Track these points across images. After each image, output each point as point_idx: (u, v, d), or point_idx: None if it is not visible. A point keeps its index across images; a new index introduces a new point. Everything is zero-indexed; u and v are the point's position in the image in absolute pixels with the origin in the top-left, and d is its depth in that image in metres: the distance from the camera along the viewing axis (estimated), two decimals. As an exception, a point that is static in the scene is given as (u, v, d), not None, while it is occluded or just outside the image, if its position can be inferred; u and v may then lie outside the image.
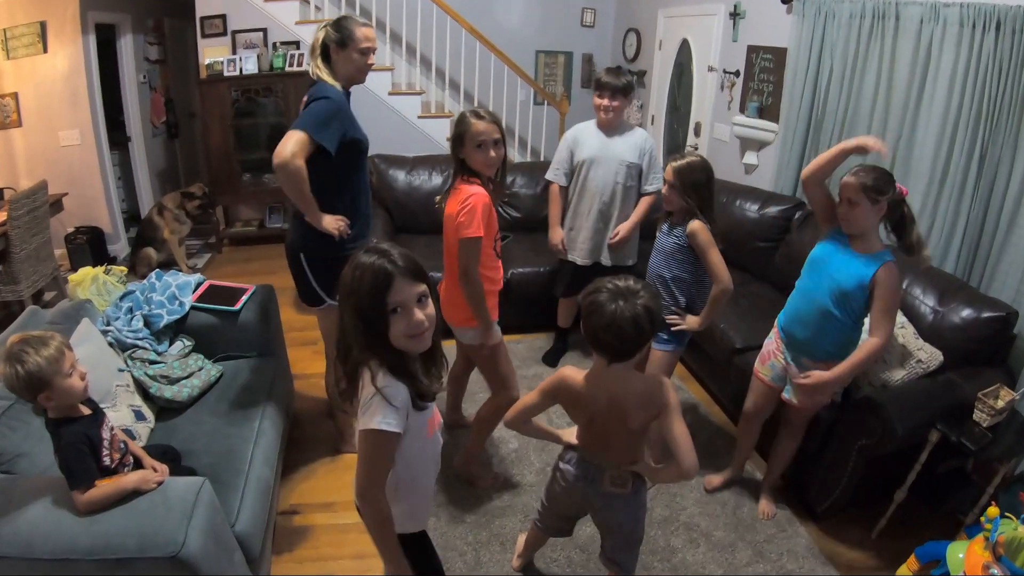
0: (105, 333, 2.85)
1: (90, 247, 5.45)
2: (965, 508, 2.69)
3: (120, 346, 2.85)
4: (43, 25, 5.28)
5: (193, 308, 3.10)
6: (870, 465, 2.64)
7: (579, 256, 3.75)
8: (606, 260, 3.73)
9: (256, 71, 5.96)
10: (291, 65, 5.95)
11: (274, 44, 6.09)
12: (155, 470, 1.99)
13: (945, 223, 3.26)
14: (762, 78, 4.61)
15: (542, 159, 6.67)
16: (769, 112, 4.53)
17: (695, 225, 2.65)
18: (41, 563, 1.71)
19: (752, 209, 4.19)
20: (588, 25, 7.21)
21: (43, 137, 5.46)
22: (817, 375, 2.48)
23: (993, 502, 2.45)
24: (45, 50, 5.32)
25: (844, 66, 3.79)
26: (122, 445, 1.96)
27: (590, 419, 1.98)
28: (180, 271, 3.58)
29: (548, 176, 3.80)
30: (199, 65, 6.11)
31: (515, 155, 6.49)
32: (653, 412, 1.87)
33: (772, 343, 2.79)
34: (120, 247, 6.02)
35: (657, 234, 2.88)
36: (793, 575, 2.61)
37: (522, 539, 2.62)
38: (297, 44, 5.99)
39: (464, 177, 2.54)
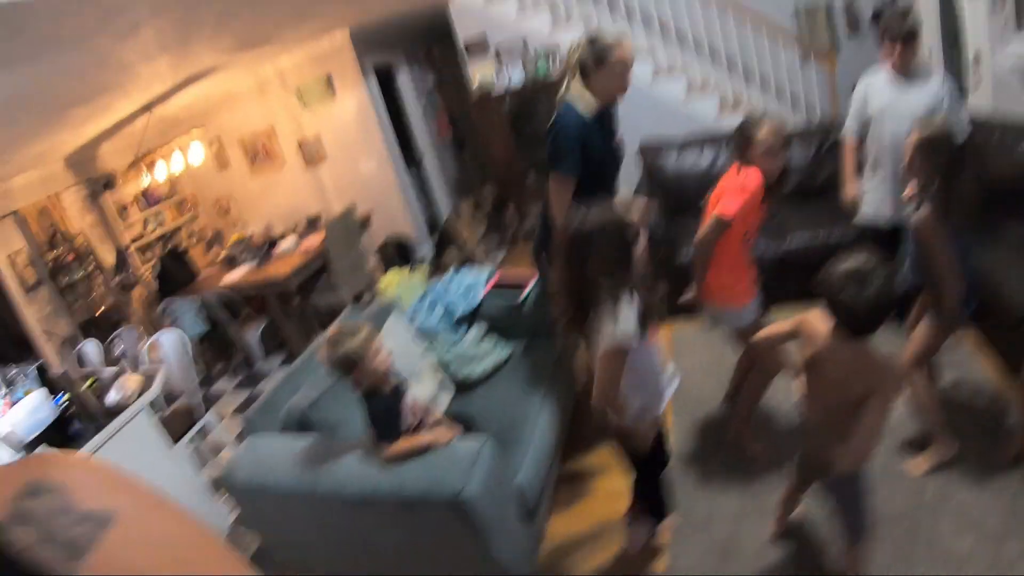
0: (411, 323, 3.41)
1: (398, 253, 6.37)
2: None
3: (424, 334, 3.39)
4: (328, 77, 6.37)
5: (485, 299, 3.57)
6: None
7: (877, 218, 3.38)
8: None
9: (522, 82, 6.24)
10: (554, 65, 6.10)
11: (535, 51, 6.31)
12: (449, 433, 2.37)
13: None
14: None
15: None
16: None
17: (920, 213, 2.33)
18: (350, 502, 2.24)
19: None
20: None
21: (346, 167, 6.47)
22: None
23: None
24: (334, 95, 6.31)
25: None
26: (421, 413, 2.39)
27: (813, 371, 1.94)
28: (477, 267, 4.08)
29: (843, 131, 3.54)
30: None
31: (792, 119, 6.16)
32: (871, 388, 1.77)
33: None
34: (425, 250, 6.89)
35: None
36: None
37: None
38: (557, 49, 6.16)
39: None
